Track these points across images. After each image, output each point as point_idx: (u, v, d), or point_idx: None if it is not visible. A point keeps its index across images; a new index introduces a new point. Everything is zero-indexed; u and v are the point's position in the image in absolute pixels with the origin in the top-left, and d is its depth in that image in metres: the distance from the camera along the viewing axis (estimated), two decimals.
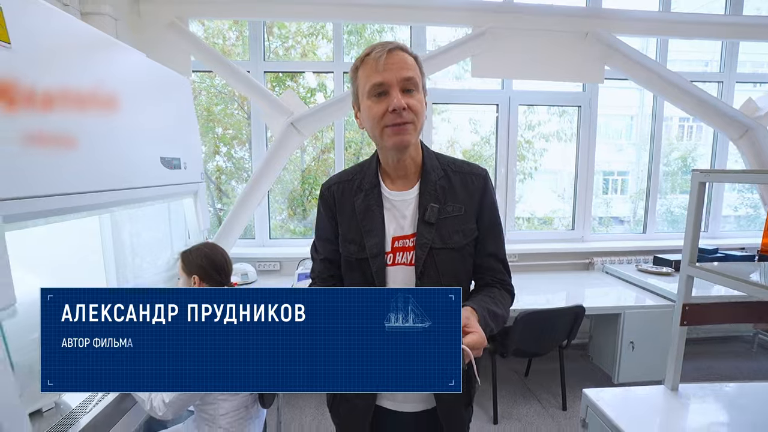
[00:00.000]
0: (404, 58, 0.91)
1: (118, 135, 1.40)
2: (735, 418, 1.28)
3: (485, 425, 2.44)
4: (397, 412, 1.04)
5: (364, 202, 1.00)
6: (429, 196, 0.98)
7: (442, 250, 0.97)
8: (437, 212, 0.96)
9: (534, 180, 3.84)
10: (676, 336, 1.35)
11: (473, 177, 1.02)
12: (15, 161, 0.97)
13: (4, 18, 0.95)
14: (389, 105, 0.88)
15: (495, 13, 2.77)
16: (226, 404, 1.44)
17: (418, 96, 0.92)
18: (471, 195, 1.00)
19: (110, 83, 1.37)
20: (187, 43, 2.66)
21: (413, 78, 0.90)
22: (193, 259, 1.53)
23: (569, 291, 2.92)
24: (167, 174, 1.72)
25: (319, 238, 1.08)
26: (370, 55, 0.91)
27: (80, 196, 1.19)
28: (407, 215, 0.99)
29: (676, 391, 1.38)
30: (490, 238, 1.02)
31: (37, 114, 1.04)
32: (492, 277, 1.03)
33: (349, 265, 1.02)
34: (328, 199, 1.05)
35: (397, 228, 0.99)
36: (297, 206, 3.85)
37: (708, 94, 2.87)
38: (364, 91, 0.92)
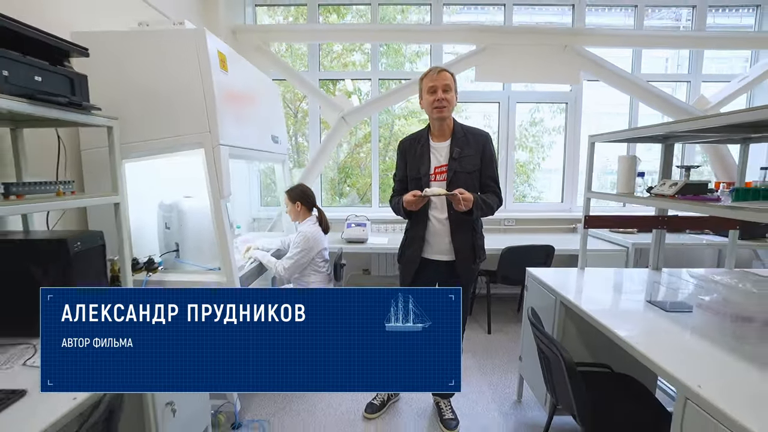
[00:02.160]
0: (446, 75, 1.83)
1: (258, 115, 2.46)
2: (607, 282, 2.17)
3: (481, 335, 3.35)
4: (432, 260, 1.97)
5: (420, 148, 1.93)
6: (455, 145, 1.89)
7: (461, 173, 1.87)
8: (459, 153, 1.87)
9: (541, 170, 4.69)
10: (582, 235, 2.25)
11: (480, 136, 1.93)
12: (231, 129, 2.02)
13: (227, 60, 2.01)
14: (437, 97, 1.82)
15: (493, 33, 3.71)
16: (315, 276, 2.45)
17: (451, 94, 1.84)
18: (478, 145, 1.90)
19: (254, 88, 2.43)
20: (269, 60, 3.73)
21: (450, 84, 1.83)
22: (295, 193, 2.56)
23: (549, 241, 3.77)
24: (273, 146, 2.77)
25: (397, 169, 2.03)
26: (430, 72, 1.85)
27: (243, 150, 2.24)
28: (443, 155, 1.91)
29: (583, 270, 2.27)
30: (489, 168, 1.92)
31: (236, 102, 2.09)
32: (489, 189, 1.93)
33: (412, 182, 1.93)
34: (402, 148, 2.01)
35: (436, 161, 1.91)
36: (335, 191, 4.88)
37: (662, 91, 3.68)
38: (425, 89, 1.85)
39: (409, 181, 1.95)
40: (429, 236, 1.94)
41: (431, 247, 1.95)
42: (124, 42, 1.88)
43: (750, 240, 3.42)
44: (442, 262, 1.96)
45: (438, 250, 1.94)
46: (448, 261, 1.95)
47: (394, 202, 2.01)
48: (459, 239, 1.91)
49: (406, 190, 1.90)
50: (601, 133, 2.15)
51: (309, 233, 2.39)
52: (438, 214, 1.92)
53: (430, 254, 1.95)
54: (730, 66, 4.60)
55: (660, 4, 4.14)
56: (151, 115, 1.88)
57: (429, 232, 1.93)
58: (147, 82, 1.87)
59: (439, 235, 1.93)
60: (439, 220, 1.92)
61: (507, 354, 2.96)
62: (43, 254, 1.33)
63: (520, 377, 2.34)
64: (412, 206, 1.84)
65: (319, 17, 4.10)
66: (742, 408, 0.95)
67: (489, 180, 1.92)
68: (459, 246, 1.91)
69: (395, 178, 2.04)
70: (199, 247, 2.14)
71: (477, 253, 1.95)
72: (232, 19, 3.71)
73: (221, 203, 1.92)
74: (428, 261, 1.97)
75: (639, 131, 1.85)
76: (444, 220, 1.91)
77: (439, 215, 1.92)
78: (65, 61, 1.48)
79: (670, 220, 2.21)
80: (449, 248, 1.92)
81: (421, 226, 1.94)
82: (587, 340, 1.89)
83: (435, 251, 1.94)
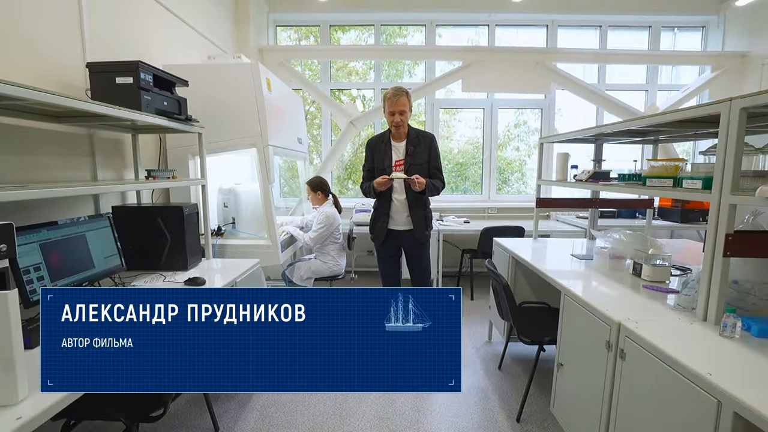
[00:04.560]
0: (401, 101, 2.41)
1: (288, 122, 3.20)
2: (551, 247, 2.89)
3: (466, 301, 4.08)
4: (395, 230, 2.66)
5: (383, 146, 2.58)
6: (410, 144, 2.53)
7: (414, 165, 2.48)
8: (413, 151, 2.52)
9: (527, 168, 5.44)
10: (535, 213, 2.99)
11: (428, 137, 2.56)
12: (274, 133, 2.76)
13: (271, 82, 2.75)
14: (394, 120, 2.44)
15: (478, 52, 4.45)
16: (333, 246, 3.20)
17: (406, 113, 2.44)
18: (426, 144, 2.53)
19: (286, 101, 3.18)
20: (290, 75, 4.48)
21: (404, 109, 2.43)
22: (315, 183, 3.31)
23: (525, 225, 4.51)
24: (298, 146, 3.51)
25: (366, 161, 2.70)
26: (390, 97, 2.43)
27: (281, 150, 2.98)
28: (401, 151, 2.55)
29: (536, 240, 3.01)
30: (434, 161, 2.55)
31: (277, 114, 2.84)
32: (435, 176, 2.56)
33: (379, 171, 2.51)
34: (371, 144, 2.61)
35: (396, 156, 2.59)
36: (342, 187, 5.64)
37: (618, 99, 4.42)
38: (387, 110, 2.46)
39: (376, 171, 2.55)
40: (392, 212, 2.53)
41: (394, 220, 2.55)
42: (200, 71, 2.63)
43: (693, 223, 4.15)
44: (403, 231, 2.63)
45: (399, 222, 2.56)
46: (408, 230, 2.63)
47: (365, 186, 2.59)
48: (415, 213, 2.51)
49: (373, 178, 2.52)
50: (548, 135, 2.89)
51: (329, 212, 3.14)
52: (398, 195, 2.52)
53: (393, 226, 2.58)
54: (685, 76, 5.33)
55: (620, 26, 4.88)
56: (219, 124, 2.63)
57: (392, 209, 2.52)
58: (216, 99, 2.62)
59: (399, 212, 2.53)
60: (399, 200, 2.52)
61: (484, 313, 3.70)
62: (169, 216, 2.07)
63: (490, 322, 3.08)
64: (382, 187, 2.43)
65: (330, 36, 4.84)
66: (595, 298, 1.68)
67: (434, 170, 2.56)
68: (415, 218, 2.52)
69: (365, 168, 2.64)
70: (249, 220, 2.88)
71: (428, 223, 2.59)
72: (259, 40, 4.46)
73: (269, 187, 2.66)
74: (392, 231, 2.65)
75: (575, 133, 2.57)
76: (403, 200, 2.51)
77: (399, 197, 2.52)
78: (173, 89, 2.23)
79: (602, 201, 2.95)
80: (407, 220, 2.54)
81: (386, 205, 2.53)
82: (532, 284, 2.63)
83: (397, 223, 2.56)
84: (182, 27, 3.10)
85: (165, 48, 2.85)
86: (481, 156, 5.12)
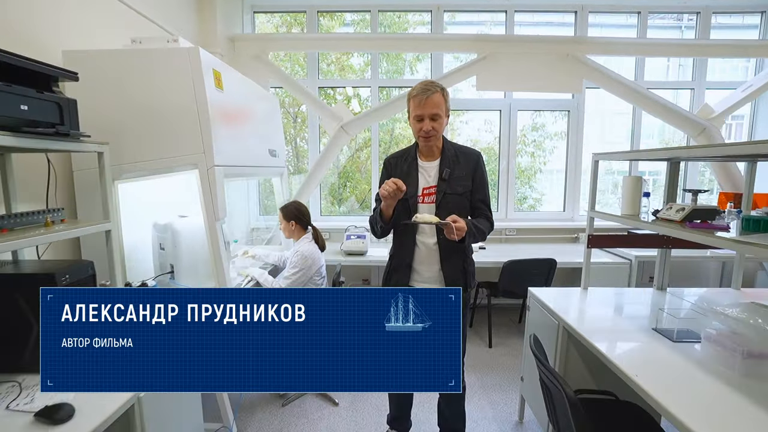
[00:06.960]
0: (434, 101, 1.58)
1: (255, 131, 2.41)
2: (611, 304, 2.12)
3: (482, 348, 3.31)
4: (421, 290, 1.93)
5: (407, 167, 1.75)
6: (445, 165, 1.71)
7: (450, 195, 1.69)
8: (449, 174, 1.70)
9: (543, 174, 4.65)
10: (586, 255, 2.21)
11: (472, 156, 1.75)
12: (227, 148, 1.97)
13: (222, 77, 1.96)
14: (423, 127, 1.64)
15: (494, 42, 3.66)
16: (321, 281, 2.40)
17: (440, 120, 1.64)
18: (469, 165, 1.72)
19: (251, 103, 2.38)
20: (267, 69, 3.69)
21: (438, 113, 1.63)
22: (290, 210, 2.52)
23: (551, 253, 3.73)
24: (271, 160, 2.72)
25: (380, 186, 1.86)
26: (417, 94, 1.61)
27: (240, 169, 2.19)
28: (432, 175, 1.73)
29: (586, 290, 2.23)
30: (480, 191, 1.75)
31: (232, 120, 2.05)
32: (480, 213, 1.76)
33: (398, 203, 1.65)
34: (388, 166, 1.81)
35: (424, 182, 1.73)
36: (335, 197, 4.84)
37: (665, 99, 3.63)
38: (412, 115, 1.67)
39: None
40: (416, 263, 1.76)
41: (419, 275, 1.76)
42: (116, 60, 1.83)
43: None
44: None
45: (426, 279, 1.75)
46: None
47: (372, 219, 1.79)
48: (449, 266, 1.73)
49: None
50: (605, 152, 2.11)
51: (306, 252, 2.35)
52: (426, 239, 1.73)
53: (417, 283, 1.76)
54: (736, 71, 4.54)
55: (663, 11, 4.08)
56: (145, 136, 1.84)
57: (416, 259, 1.75)
58: (141, 101, 1.83)
59: (427, 263, 1.75)
60: (427, 245, 1.74)
61: (508, 370, 2.92)
62: (31, 288, 1.28)
63: (522, 398, 2.30)
64: (388, 203, 1.62)
65: (318, 24, 4.05)
66: None
67: (480, 203, 1.76)
68: (449, 273, 1.72)
69: (377, 196, 1.72)
70: (195, 267, 2.10)
71: (468, 281, 1.77)
72: (230, 27, 3.66)
73: (216, 225, 1.87)
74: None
75: (641, 153, 1.80)
76: (433, 246, 1.73)
77: (427, 240, 1.73)
78: (54, 86, 1.44)
79: (675, 240, 2.17)
80: (439, 276, 1.74)
81: (407, 251, 1.75)
82: (591, 365, 1.85)
83: (423, 279, 1.75)
84: (113, 3, 2.31)
85: (85, 30, 2.07)
86: (494, 165, 4.33)
